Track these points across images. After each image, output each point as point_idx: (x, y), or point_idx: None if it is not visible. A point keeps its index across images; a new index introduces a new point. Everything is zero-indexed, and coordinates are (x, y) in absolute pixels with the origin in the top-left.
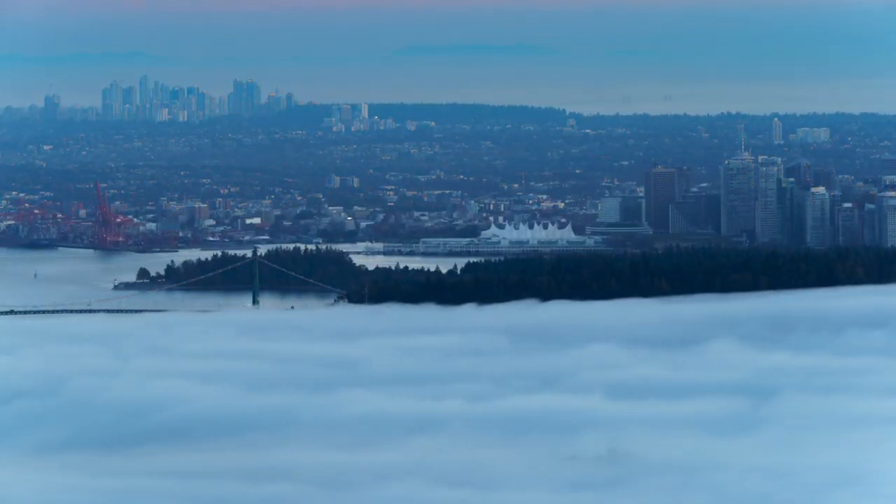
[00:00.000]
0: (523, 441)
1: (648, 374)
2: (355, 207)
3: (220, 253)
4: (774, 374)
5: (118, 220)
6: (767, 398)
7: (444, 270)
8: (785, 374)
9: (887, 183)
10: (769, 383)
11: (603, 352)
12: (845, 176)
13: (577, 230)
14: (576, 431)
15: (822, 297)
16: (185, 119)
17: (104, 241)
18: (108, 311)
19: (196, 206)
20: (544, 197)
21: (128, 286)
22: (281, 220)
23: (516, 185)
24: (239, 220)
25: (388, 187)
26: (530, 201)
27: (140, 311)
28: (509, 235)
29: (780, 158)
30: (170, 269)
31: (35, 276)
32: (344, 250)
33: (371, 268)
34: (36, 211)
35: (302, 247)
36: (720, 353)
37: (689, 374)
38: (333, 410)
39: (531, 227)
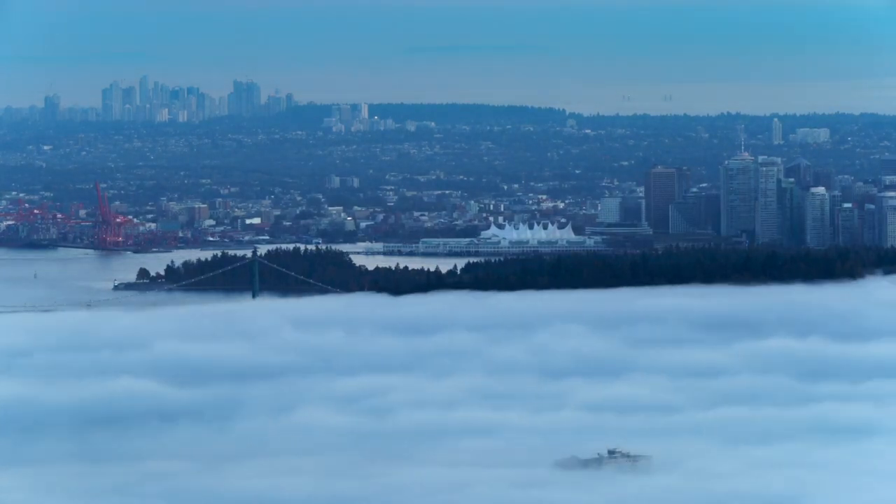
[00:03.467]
0: None
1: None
2: (355, 207)
3: (219, 253)
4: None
5: (118, 220)
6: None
7: (444, 270)
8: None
9: (887, 183)
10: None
11: None
12: (845, 176)
13: (577, 230)
14: None
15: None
16: (185, 119)
17: (104, 241)
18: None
19: (196, 206)
20: (544, 197)
21: (128, 286)
22: (281, 220)
23: (516, 186)
24: (239, 221)
25: (388, 187)
26: (530, 201)
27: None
28: (509, 236)
29: (779, 158)
30: (170, 270)
31: (35, 276)
32: (344, 250)
33: (371, 268)
34: (36, 211)
35: (302, 247)
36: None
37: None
38: None
39: (531, 227)
